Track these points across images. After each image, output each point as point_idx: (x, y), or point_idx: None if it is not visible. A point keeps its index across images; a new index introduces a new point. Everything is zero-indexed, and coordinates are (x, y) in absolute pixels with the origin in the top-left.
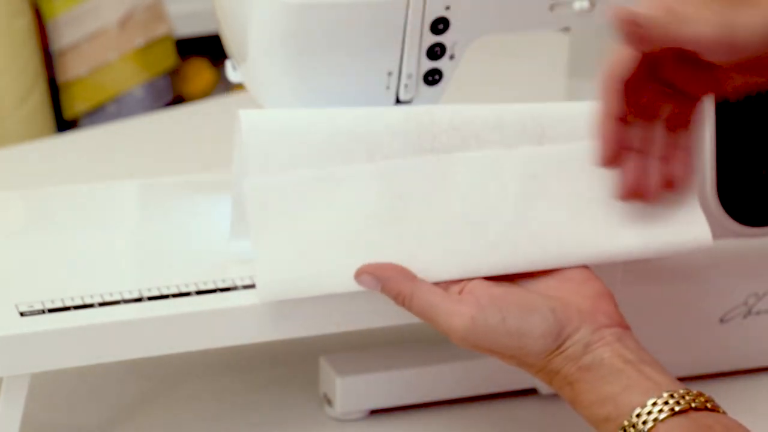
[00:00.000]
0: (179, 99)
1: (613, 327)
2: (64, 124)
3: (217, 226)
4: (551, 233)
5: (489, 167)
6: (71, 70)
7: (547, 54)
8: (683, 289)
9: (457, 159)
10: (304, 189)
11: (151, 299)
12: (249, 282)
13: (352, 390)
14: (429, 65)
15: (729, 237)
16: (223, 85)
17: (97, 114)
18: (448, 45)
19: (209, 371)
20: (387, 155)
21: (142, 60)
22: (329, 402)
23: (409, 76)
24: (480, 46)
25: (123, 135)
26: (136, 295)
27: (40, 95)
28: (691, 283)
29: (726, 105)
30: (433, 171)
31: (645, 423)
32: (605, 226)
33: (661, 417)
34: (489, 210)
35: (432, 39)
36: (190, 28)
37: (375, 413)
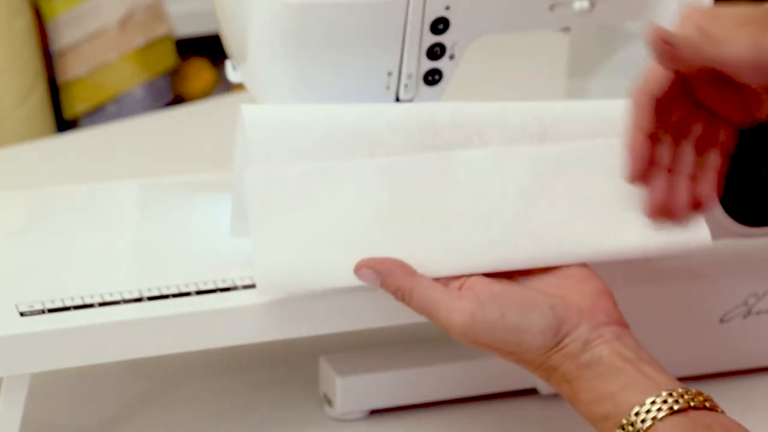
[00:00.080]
0: (179, 99)
1: (612, 325)
2: (64, 124)
3: (217, 226)
4: (551, 231)
5: (490, 165)
6: (71, 70)
7: (547, 54)
8: (683, 289)
9: (459, 156)
10: (305, 183)
11: (151, 299)
12: (249, 282)
13: (352, 390)
14: (429, 65)
15: (729, 237)
16: (223, 85)
17: (97, 114)
18: (448, 45)
19: (209, 371)
20: (389, 151)
21: (142, 60)
22: (329, 402)
23: (409, 76)
24: (480, 46)
25: (123, 135)
26: (136, 295)
27: (40, 95)
28: (691, 283)
29: None
30: (435, 168)
31: (644, 422)
32: (605, 225)
33: (660, 416)
34: (490, 207)
35: (432, 39)
36: (190, 28)
37: (375, 413)
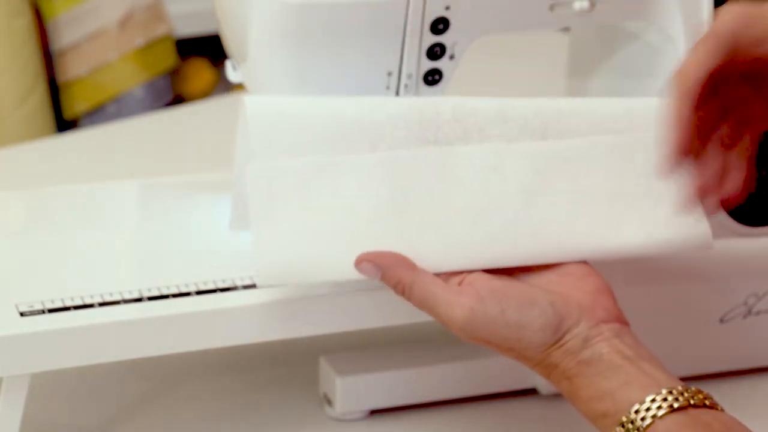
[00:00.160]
0: (179, 99)
1: (612, 322)
2: (64, 124)
3: (217, 226)
4: (552, 228)
5: (491, 161)
6: (71, 70)
7: (547, 54)
8: (683, 289)
9: (460, 152)
10: (306, 176)
11: (151, 299)
12: (249, 282)
13: (352, 390)
14: (429, 65)
15: (729, 237)
16: (223, 85)
17: (97, 114)
18: (448, 45)
19: (209, 371)
20: (390, 145)
21: (142, 60)
22: (329, 402)
23: (409, 76)
24: (480, 46)
25: (123, 135)
26: (136, 295)
27: (40, 95)
28: (691, 283)
29: None
30: (436, 163)
31: (643, 419)
32: (606, 222)
33: (660, 414)
34: (490, 203)
35: (432, 39)
36: (190, 28)
37: (375, 413)
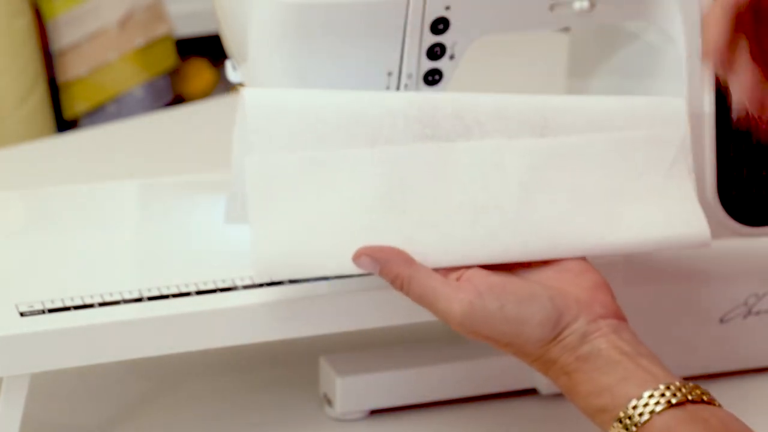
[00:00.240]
0: (179, 99)
1: (610, 318)
2: (64, 124)
3: (217, 226)
4: (550, 224)
5: (490, 157)
6: (71, 70)
7: (547, 54)
8: (683, 289)
9: (458, 147)
10: (304, 171)
11: (151, 299)
12: (249, 282)
13: (352, 390)
14: (429, 65)
15: (729, 237)
16: (223, 85)
17: (97, 114)
18: (448, 45)
19: (209, 371)
20: (388, 139)
21: (142, 60)
22: (329, 402)
23: (409, 76)
24: (480, 46)
25: (123, 135)
26: (136, 295)
27: (40, 95)
28: (691, 283)
29: (726, 105)
30: (435, 159)
31: (641, 415)
32: (605, 219)
33: (658, 409)
34: (489, 199)
35: (432, 39)
36: (190, 28)
37: (375, 413)
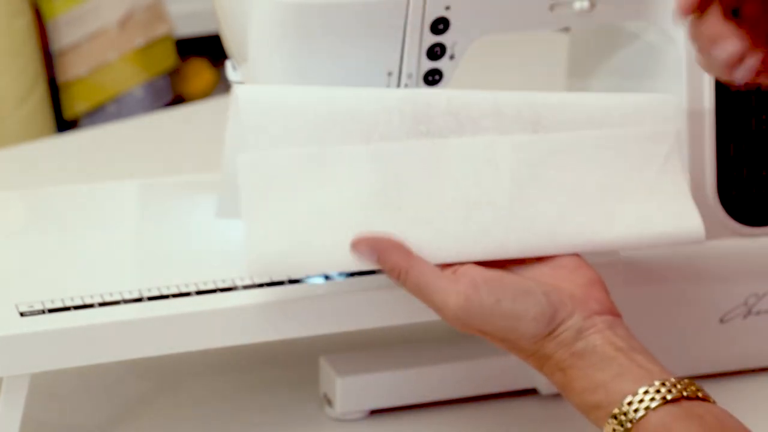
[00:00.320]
0: (179, 99)
1: (605, 314)
2: (64, 124)
3: (217, 226)
4: (544, 220)
5: (483, 153)
6: (71, 70)
7: (547, 54)
8: (683, 289)
9: (453, 144)
10: (298, 167)
11: (151, 299)
12: (249, 282)
13: (352, 390)
14: (429, 65)
15: (729, 237)
16: (223, 85)
17: (97, 114)
18: (448, 45)
19: (209, 371)
20: (383, 136)
21: (142, 60)
22: (329, 402)
23: (409, 76)
24: (480, 46)
25: (123, 135)
26: (136, 295)
27: (40, 95)
28: (691, 283)
29: (726, 105)
30: (428, 155)
31: (636, 411)
32: (599, 215)
33: (653, 405)
34: (482, 196)
35: (432, 39)
36: (190, 28)
37: (375, 413)
